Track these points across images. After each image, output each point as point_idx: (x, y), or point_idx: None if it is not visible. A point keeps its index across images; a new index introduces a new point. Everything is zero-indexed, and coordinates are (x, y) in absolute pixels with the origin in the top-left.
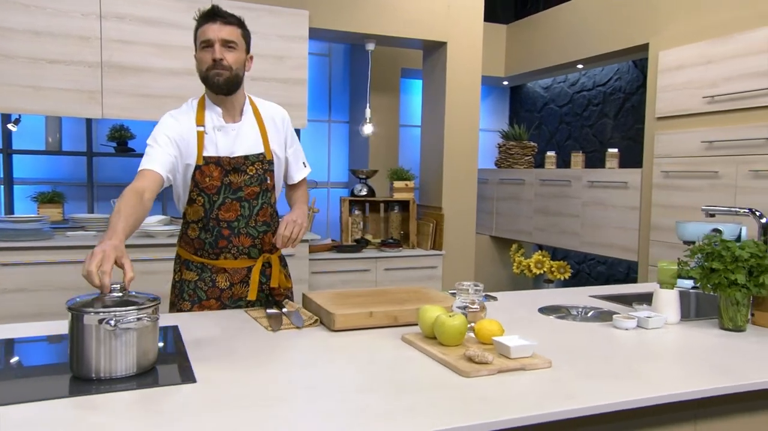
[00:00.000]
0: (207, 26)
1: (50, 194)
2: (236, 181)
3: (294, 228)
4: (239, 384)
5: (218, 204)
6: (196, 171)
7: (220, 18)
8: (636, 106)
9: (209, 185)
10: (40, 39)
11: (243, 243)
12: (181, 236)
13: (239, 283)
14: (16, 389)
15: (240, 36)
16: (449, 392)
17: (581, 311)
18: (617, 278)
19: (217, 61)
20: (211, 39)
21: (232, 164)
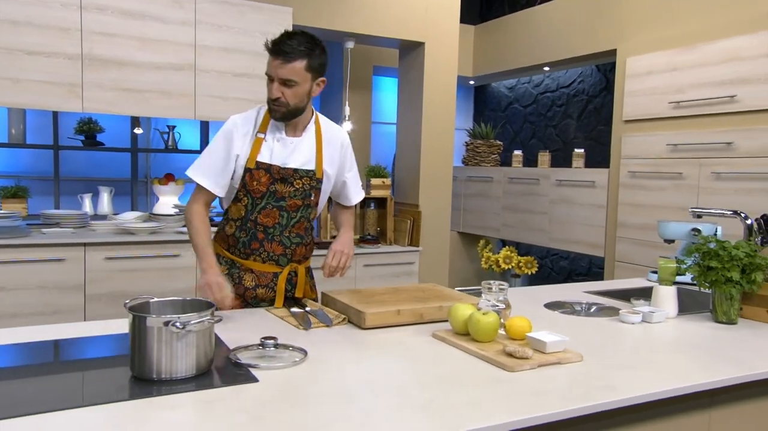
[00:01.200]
0: (271, 60)
1: (14, 188)
2: (281, 191)
3: (342, 259)
4: (300, 381)
5: (260, 208)
6: (246, 173)
7: (282, 55)
8: (598, 108)
9: (255, 189)
10: (18, 29)
11: (274, 250)
12: (218, 232)
13: (264, 286)
14: (78, 390)
15: (304, 70)
16: (501, 386)
17: (584, 307)
18: (579, 273)
19: (275, 98)
20: (272, 75)
21: (281, 173)
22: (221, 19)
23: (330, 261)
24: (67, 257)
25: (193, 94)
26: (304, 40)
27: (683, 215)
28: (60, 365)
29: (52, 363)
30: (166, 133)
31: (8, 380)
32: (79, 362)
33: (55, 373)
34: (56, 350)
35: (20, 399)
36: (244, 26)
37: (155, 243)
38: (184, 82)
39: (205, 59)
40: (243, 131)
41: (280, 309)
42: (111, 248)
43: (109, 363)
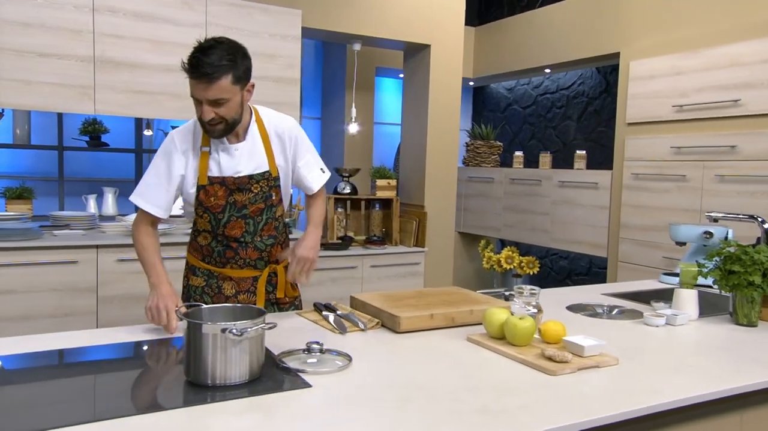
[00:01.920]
0: (193, 83)
1: (19, 189)
2: (241, 199)
3: (306, 265)
4: (353, 386)
5: (223, 222)
6: (200, 191)
7: (205, 77)
8: (598, 110)
9: (214, 205)
10: (31, 31)
11: (250, 256)
12: (191, 242)
13: (245, 292)
14: (136, 396)
15: (231, 85)
16: (547, 390)
17: (606, 310)
18: (579, 272)
19: (209, 120)
20: (199, 98)
21: (236, 183)
22: (231, 21)
23: (294, 268)
24: (80, 260)
25: None
26: (224, 52)
27: (687, 216)
28: (110, 371)
29: (99, 370)
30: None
31: (57, 388)
32: (129, 366)
33: (107, 380)
34: (109, 353)
35: (74, 407)
36: (253, 28)
37: (164, 245)
38: None
39: None
40: (182, 149)
41: (311, 313)
42: (123, 250)
43: (162, 368)
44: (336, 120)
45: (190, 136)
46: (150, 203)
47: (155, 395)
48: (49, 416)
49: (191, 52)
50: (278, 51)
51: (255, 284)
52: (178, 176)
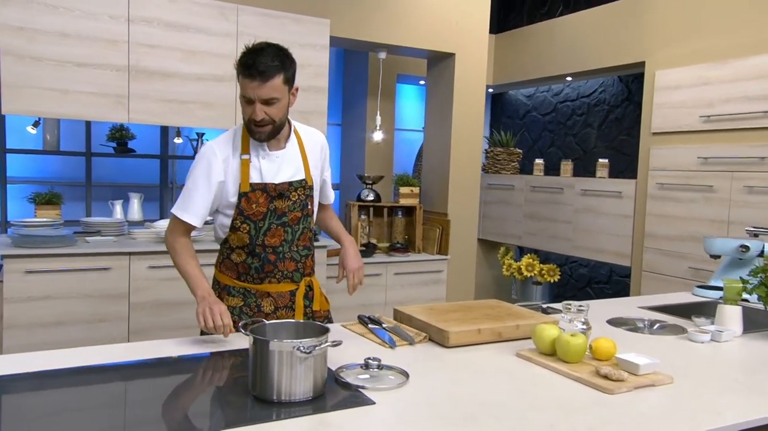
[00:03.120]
0: (246, 82)
1: (48, 194)
2: (281, 206)
3: (360, 274)
4: (416, 404)
5: (264, 230)
6: (242, 198)
7: (259, 75)
8: (620, 118)
9: (255, 212)
10: (68, 41)
11: (288, 268)
12: (222, 262)
13: (284, 307)
14: (205, 411)
15: (282, 85)
16: (609, 409)
17: (647, 324)
18: (599, 281)
19: (259, 120)
20: (251, 97)
21: (277, 190)
22: (262, 31)
23: (353, 281)
24: (113, 266)
25: (234, 104)
26: (275, 54)
27: (715, 227)
28: (176, 387)
29: (174, 381)
30: (195, 140)
31: (125, 405)
32: (193, 382)
33: (176, 396)
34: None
35: (143, 421)
36: (284, 38)
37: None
38: (226, 93)
39: None
40: (222, 157)
41: (356, 325)
42: (154, 257)
43: (227, 383)
44: (357, 127)
45: (230, 144)
46: (187, 212)
47: (224, 411)
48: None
49: (242, 54)
50: (307, 60)
51: (293, 299)
52: (217, 182)
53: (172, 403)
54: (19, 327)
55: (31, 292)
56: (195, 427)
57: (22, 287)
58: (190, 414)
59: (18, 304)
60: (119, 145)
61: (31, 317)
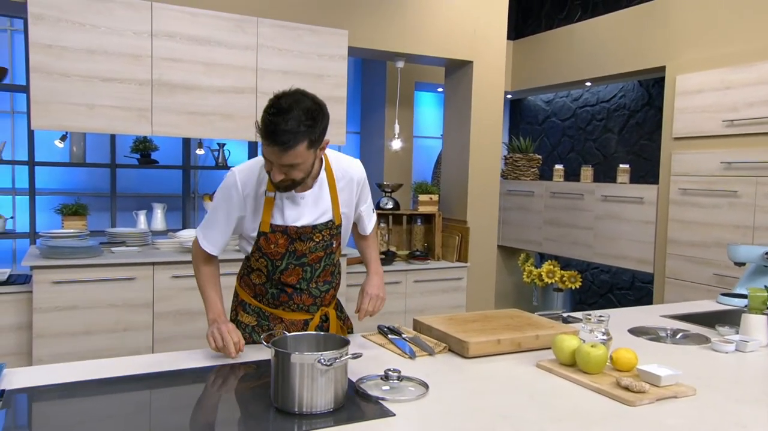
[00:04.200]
0: (265, 145)
1: (74, 206)
2: (301, 248)
3: (377, 303)
4: (437, 416)
5: (281, 269)
6: (261, 237)
7: (280, 144)
8: (641, 123)
9: (273, 252)
10: (94, 58)
11: (304, 302)
12: (242, 277)
13: None
14: (228, 423)
15: (305, 151)
16: (628, 421)
17: (669, 333)
18: (621, 287)
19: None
20: (272, 161)
21: (299, 233)
22: (281, 43)
23: (366, 306)
24: (137, 276)
25: (254, 116)
26: (302, 116)
27: (739, 233)
28: (207, 396)
29: (198, 393)
30: (216, 150)
31: (150, 415)
32: (215, 393)
33: (198, 408)
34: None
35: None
36: (302, 49)
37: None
38: (246, 105)
39: (265, 82)
40: (244, 193)
41: (376, 335)
42: (177, 267)
43: (248, 395)
44: (376, 135)
45: (254, 179)
46: (207, 241)
47: (247, 423)
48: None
49: (267, 111)
50: (326, 71)
51: (306, 328)
52: (236, 218)
53: (195, 414)
54: (48, 336)
55: (58, 302)
56: None
57: (51, 298)
58: (213, 426)
59: (47, 314)
60: (143, 156)
61: (59, 327)
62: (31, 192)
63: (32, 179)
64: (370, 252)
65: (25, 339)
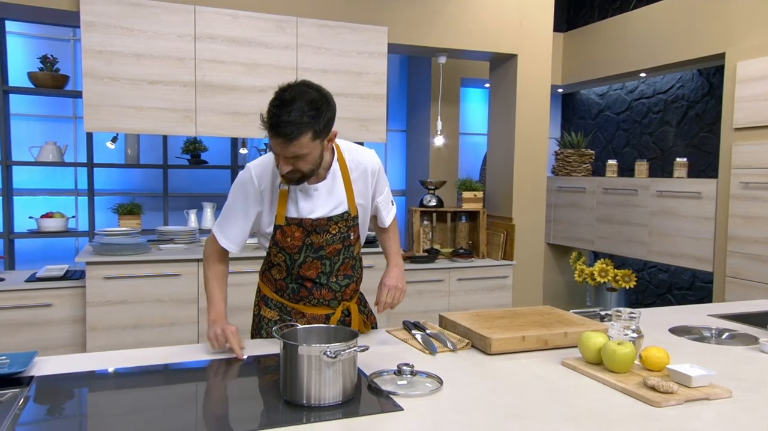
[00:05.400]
0: (272, 139)
1: (129, 205)
2: (318, 241)
3: (396, 294)
4: (446, 411)
5: (299, 263)
6: (277, 231)
7: (283, 136)
8: (700, 114)
9: (290, 245)
10: (141, 61)
11: (324, 296)
12: (264, 272)
13: None
14: (235, 414)
15: (310, 141)
16: (653, 423)
17: (714, 333)
18: (680, 287)
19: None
20: (278, 153)
21: (314, 225)
22: (320, 41)
23: (384, 298)
24: (183, 272)
25: None
26: (305, 107)
27: None
28: (219, 388)
29: (213, 385)
30: (263, 150)
31: (163, 408)
32: (229, 385)
33: (212, 398)
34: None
35: (177, 419)
36: (341, 47)
37: (257, 259)
38: None
39: None
40: (260, 187)
41: (401, 331)
42: None
43: (261, 387)
44: (421, 132)
45: (270, 172)
46: (225, 238)
47: (256, 413)
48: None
49: (272, 104)
50: (366, 68)
51: (327, 322)
52: (255, 213)
53: (206, 407)
54: (99, 329)
55: (109, 296)
56: (227, 428)
57: (102, 292)
58: (224, 417)
59: (98, 307)
60: (193, 157)
61: (110, 321)
62: (90, 193)
63: (91, 180)
64: (391, 245)
65: (79, 331)
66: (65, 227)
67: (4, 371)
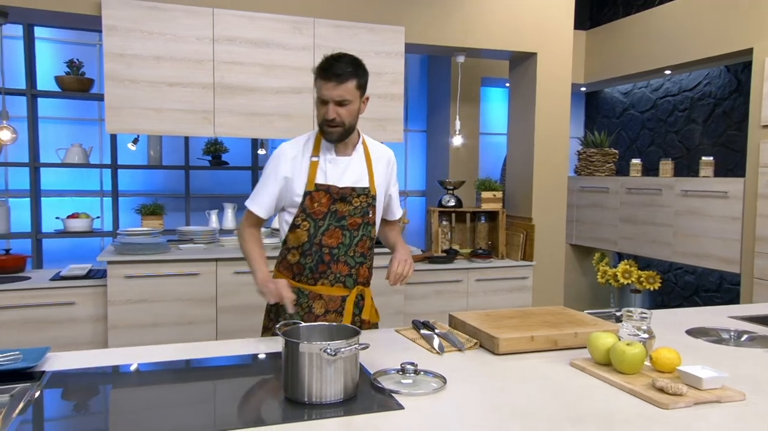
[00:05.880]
0: (322, 84)
1: (152, 206)
2: (342, 209)
3: (406, 267)
4: (446, 411)
5: (323, 230)
6: (306, 197)
7: (335, 78)
8: (728, 111)
9: (317, 211)
10: (161, 64)
11: (341, 271)
12: (280, 262)
13: (334, 311)
14: (236, 412)
15: (355, 89)
16: (656, 425)
17: (733, 335)
18: (708, 289)
19: (331, 119)
20: (326, 98)
21: (340, 193)
22: (337, 42)
23: (396, 269)
24: (201, 272)
25: (311, 115)
26: (350, 61)
27: None
28: (224, 385)
29: (218, 382)
30: None
31: (167, 403)
32: (235, 382)
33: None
34: (222, 368)
35: (186, 415)
36: (358, 48)
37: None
38: (304, 105)
39: None
40: (291, 156)
41: (409, 331)
42: (239, 264)
43: (264, 384)
44: (441, 132)
45: (301, 145)
46: (255, 204)
47: (259, 410)
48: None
49: (321, 60)
50: (383, 68)
51: (343, 305)
52: (283, 177)
53: (207, 401)
54: (120, 327)
55: (130, 295)
56: (228, 423)
57: (123, 291)
58: (225, 412)
59: (119, 306)
60: (214, 158)
61: (130, 319)
62: (114, 193)
63: (115, 181)
64: (395, 235)
65: (101, 329)
66: (90, 227)
67: (17, 365)
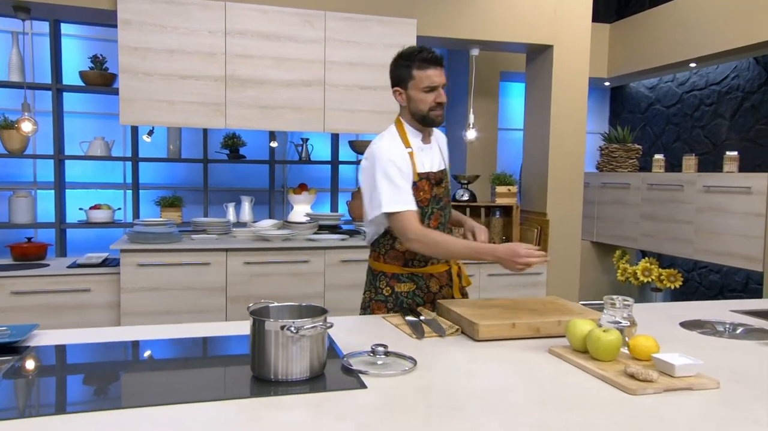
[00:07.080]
0: (431, 71)
1: (171, 198)
2: (439, 193)
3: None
4: (409, 391)
5: (429, 214)
6: (413, 188)
7: (440, 64)
8: (756, 105)
9: (422, 198)
10: (174, 57)
11: None
12: (385, 253)
13: (446, 286)
14: (203, 386)
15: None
16: (619, 409)
17: (728, 328)
18: (733, 289)
19: (441, 103)
20: (437, 84)
21: (436, 177)
22: (348, 35)
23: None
24: (212, 262)
25: (322, 108)
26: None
27: None
28: (197, 361)
29: (192, 358)
30: (300, 145)
31: (155, 371)
32: (214, 359)
33: (191, 368)
34: (200, 346)
35: (156, 389)
36: (369, 40)
37: (288, 250)
38: (315, 98)
39: (333, 74)
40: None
41: (395, 317)
42: (249, 254)
43: (237, 362)
44: (459, 126)
45: (397, 141)
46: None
47: (224, 390)
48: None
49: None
50: None
51: (450, 278)
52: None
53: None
54: (133, 314)
55: (142, 283)
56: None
57: (135, 279)
58: (195, 387)
59: (132, 293)
60: (231, 151)
61: (142, 306)
62: (135, 185)
63: (135, 173)
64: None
65: (115, 316)
66: (111, 218)
67: (3, 340)
